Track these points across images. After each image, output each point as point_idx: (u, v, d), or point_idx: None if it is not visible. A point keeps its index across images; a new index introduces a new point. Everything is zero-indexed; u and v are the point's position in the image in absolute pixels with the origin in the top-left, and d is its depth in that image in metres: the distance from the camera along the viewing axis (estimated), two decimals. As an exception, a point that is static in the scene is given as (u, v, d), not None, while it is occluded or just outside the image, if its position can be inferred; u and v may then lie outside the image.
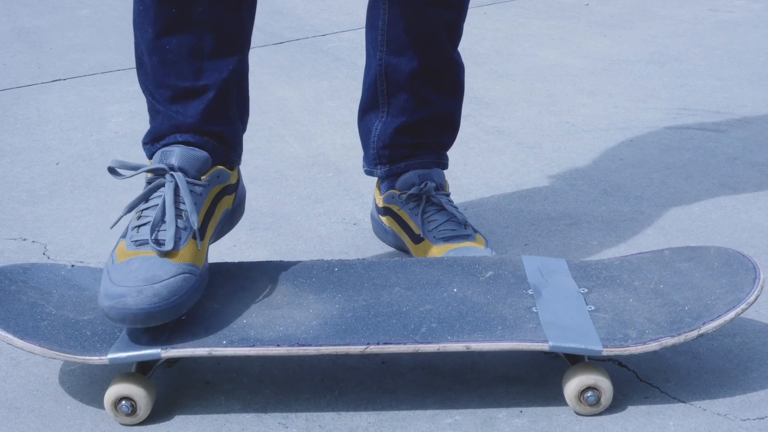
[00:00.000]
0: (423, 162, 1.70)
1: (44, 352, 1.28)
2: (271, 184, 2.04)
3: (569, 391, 1.29)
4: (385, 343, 1.28)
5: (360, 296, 1.39)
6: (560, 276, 1.44)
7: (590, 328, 1.31)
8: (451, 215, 1.65)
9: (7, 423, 1.32)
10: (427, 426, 1.29)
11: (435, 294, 1.39)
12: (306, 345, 1.28)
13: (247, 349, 1.27)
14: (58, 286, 1.42)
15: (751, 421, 1.28)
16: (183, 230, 1.36)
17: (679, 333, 1.29)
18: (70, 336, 1.31)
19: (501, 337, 1.29)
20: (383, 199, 1.73)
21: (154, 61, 1.44)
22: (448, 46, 1.65)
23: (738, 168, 2.06)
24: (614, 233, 1.79)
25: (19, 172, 2.15)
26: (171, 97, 1.44)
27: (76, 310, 1.37)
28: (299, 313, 1.35)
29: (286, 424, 1.30)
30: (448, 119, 1.72)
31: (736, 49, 2.87)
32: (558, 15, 3.33)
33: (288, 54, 2.98)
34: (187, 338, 1.29)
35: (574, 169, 2.08)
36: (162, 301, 1.28)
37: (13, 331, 1.30)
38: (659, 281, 1.41)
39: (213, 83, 1.44)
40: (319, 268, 1.46)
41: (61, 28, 3.32)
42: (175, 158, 1.40)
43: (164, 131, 1.44)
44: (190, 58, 1.43)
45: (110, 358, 1.27)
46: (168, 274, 1.31)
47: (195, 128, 1.43)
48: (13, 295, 1.37)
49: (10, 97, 2.65)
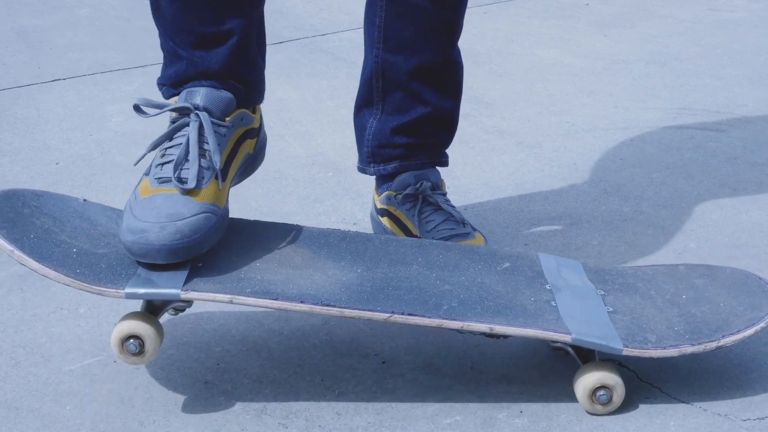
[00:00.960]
0: (418, 162, 1.70)
1: (59, 278, 1.25)
2: (271, 183, 2.04)
3: (581, 389, 1.29)
4: (409, 314, 1.26)
5: (378, 268, 1.37)
6: (577, 276, 1.43)
7: (610, 327, 1.31)
8: (449, 214, 1.65)
9: (7, 423, 1.32)
10: (427, 426, 1.29)
11: (453, 276, 1.37)
12: (330, 305, 1.25)
13: (269, 302, 1.25)
14: (71, 216, 1.38)
15: (751, 422, 1.28)
16: (206, 169, 1.37)
17: (699, 342, 1.29)
18: (85, 265, 1.28)
19: (524, 324, 1.28)
20: (380, 201, 1.73)
21: (175, 7, 1.43)
22: (446, 45, 1.65)
23: (738, 168, 2.06)
24: (614, 233, 1.79)
25: (18, 172, 2.14)
26: (194, 42, 1.43)
27: (91, 243, 1.34)
28: (319, 275, 1.33)
29: (286, 424, 1.30)
30: (446, 118, 1.71)
31: (736, 49, 2.87)
32: (558, 14, 3.33)
33: (288, 54, 2.98)
34: (207, 283, 1.27)
35: (574, 169, 2.08)
36: (184, 238, 1.29)
37: (28, 253, 1.26)
38: (675, 293, 1.41)
39: (236, 28, 1.43)
40: (336, 237, 1.44)
41: (60, 28, 3.32)
42: (201, 98, 1.40)
43: (189, 76, 1.44)
44: (211, 3, 1.42)
45: (127, 292, 1.25)
46: (190, 212, 1.31)
47: (221, 74, 1.43)
48: (27, 218, 1.33)
49: (9, 96, 2.64)
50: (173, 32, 1.44)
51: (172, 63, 1.46)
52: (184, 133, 1.39)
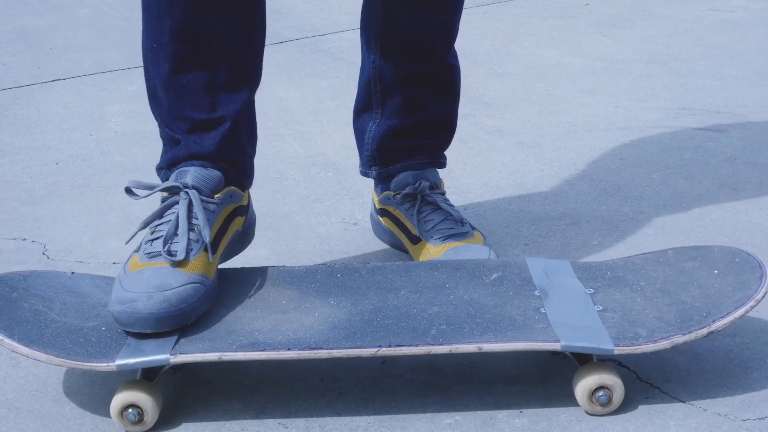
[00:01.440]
0: (417, 163, 1.70)
1: (50, 360, 1.27)
2: (271, 183, 2.04)
3: (580, 391, 1.29)
4: (396, 346, 1.28)
5: (366, 300, 1.38)
6: (565, 277, 1.44)
7: (600, 327, 1.31)
8: (448, 214, 1.65)
9: (7, 423, 1.32)
10: (427, 426, 1.29)
11: (442, 296, 1.39)
12: (317, 348, 1.27)
13: (257, 354, 1.27)
14: (60, 293, 1.41)
15: (751, 422, 1.28)
16: (195, 242, 1.39)
17: (689, 331, 1.29)
18: (75, 342, 1.30)
19: (512, 337, 1.28)
20: (379, 201, 1.73)
21: (170, 95, 1.47)
22: (442, 49, 1.65)
23: (738, 168, 2.06)
24: (614, 233, 1.79)
25: (18, 172, 2.14)
26: (188, 128, 1.47)
27: (80, 317, 1.36)
28: (306, 317, 1.35)
29: (286, 424, 1.30)
30: (444, 121, 1.71)
31: (736, 49, 2.87)
32: (558, 15, 3.33)
33: (288, 54, 2.98)
34: (195, 344, 1.29)
35: (574, 169, 2.08)
36: (171, 308, 1.31)
37: (18, 339, 1.29)
38: (665, 281, 1.41)
39: (228, 114, 1.47)
40: (323, 273, 1.45)
41: (60, 28, 3.32)
42: (190, 177, 1.44)
43: (181, 158, 1.48)
44: (205, 92, 1.46)
45: (118, 364, 1.27)
46: (178, 282, 1.34)
47: (211, 156, 1.47)
48: (14, 302, 1.36)
49: (9, 96, 2.65)
50: (169, 119, 1.49)
51: (170, 148, 1.50)
52: (174, 210, 1.42)
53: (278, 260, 1.73)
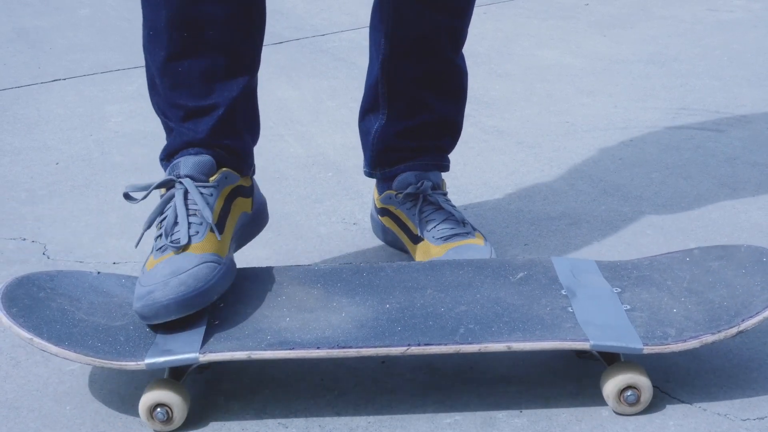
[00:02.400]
0: (421, 164, 1.70)
1: (80, 359, 1.27)
2: (271, 184, 2.04)
3: (609, 390, 1.28)
4: (426, 344, 1.27)
5: (392, 298, 1.38)
6: (592, 276, 1.43)
7: (629, 326, 1.31)
8: (449, 214, 1.65)
9: (7, 423, 1.32)
10: (427, 426, 1.29)
11: (468, 295, 1.38)
12: (346, 347, 1.27)
13: (286, 352, 1.27)
14: (86, 292, 1.41)
15: (751, 421, 1.28)
16: (198, 225, 1.40)
17: (719, 330, 1.28)
18: (104, 342, 1.30)
19: (541, 336, 1.28)
20: (380, 200, 1.74)
21: (166, 83, 1.47)
22: (450, 52, 1.66)
23: (738, 168, 2.06)
24: (614, 233, 1.79)
25: (18, 172, 2.15)
26: (183, 116, 1.47)
27: (107, 317, 1.36)
28: (333, 316, 1.34)
29: (286, 424, 1.30)
30: (449, 124, 1.72)
31: (735, 49, 2.87)
32: (557, 15, 3.33)
33: (288, 54, 2.98)
34: (223, 342, 1.29)
35: (574, 169, 2.08)
36: (189, 289, 1.31)
37: (47, 338, 1.29)
38: (692, 280, 1.41)
39: (222, 101, 1.47)
40: (348, 272, 1.45)
41: (61, 28, 3.32)
42: (182, 168, 1.45)
43: (176, 147, 1.48)
44: (201, 80, 1.46)
45: (147, 363, 1.26)
46: (191, 264, 1.34)
47: (204, 143, 1.47)
48: (42, 302, 1.36)
49: (10, 96, 2.65)
50: (166, 107, 1.49)
51: (167, 137, 1.51)
52: (172, 203, 1.43)
53: (278, 260, 1.73)
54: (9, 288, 1.36)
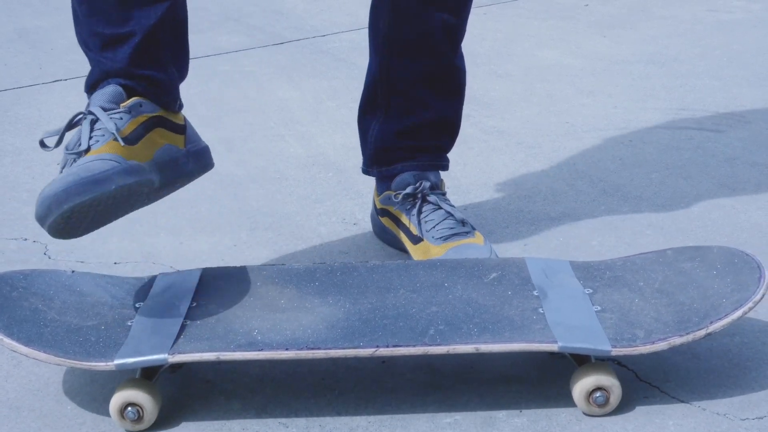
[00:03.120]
0: (419, 164, 1.70)
1: (49, 359, 1.28)
2: (271, 184, 2.04)
3: (577, 392, 1.29)
4: (394, 346, 1.28)
5: (365, 299, 1.39)
6: (564, 277, 1.44)
7: (598, 328, 1.31)
8: (449, 214, 1.65)
9: (8, 423, 1.32)
10: (427, 426, 1.30)
11: (440, 296, 1.39)
12: (315, 348, 1.27)
13: (255, 353, 1.27)
14: (60, 291, 1.42)
15: (750, 421, 1.28)
16: (100, 136, 1.37)
17: (687, 332, 1.29)
18: (74, 342, 1.31)
19: (510, 338, 1.28)
20: (380, 201, 1.74)
21: (84, 10, 1.45)
22: (449, 51, 1.66)
23: (737, 168, 2.06)
24: (614, 233, 1.80)
25: (20, 172, 2.15)
26: (101, 44, 1.45)
27: (80, 316, 1.37)
28: (305, 316, 1.35)
29: (286, 424, 1.31)
30: (448, 123, 1.72)
31: (735, 50, 2.87)
32: (557, 15, 3.34)
33: (288, 54, 2.98)
34: (193, 343, 1.29)
35: (574, 169, 2.09)
36: (78, 178, 1.28)
37: (17, 338, 1.29)
38: (664, 281, 1.41)
39: (139, 29, 1.44)
40: (322, 272, 1.45)
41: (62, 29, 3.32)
42: (92, 104, 1.42)
43: (96, 77, 1.46)
44: (117, 6, 1.44)
45: (117, 363, 1.27)
46: (84, 161, 1.32)
47: (123, 72, 1.44)
48: (14, 301, 1.37)
49: (11, 97, 2.65)
50: (86, 35, 1.47)
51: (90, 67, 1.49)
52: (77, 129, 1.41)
53: (278, 260, 1.73)
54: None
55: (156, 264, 1.72)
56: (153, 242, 1.79)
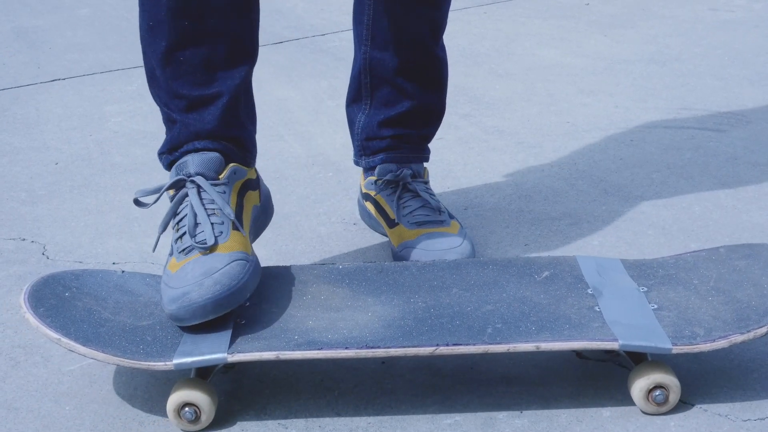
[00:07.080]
0: (402, 156, 1.75)
1: (108, 359, 1.27)
2: (271, 184, 2.04)
3: (636, 390, 1.28)
4: (454, 344, 1.27)
5: (418, 298, 1.38)
6: (618, 275, 1.43)
7: (656, 326, 1.30)
8: (425, 201, 1.70)
9: (6, 423, 1.32)
10: (427, 426, 1.29)
11: (494, 294, 1.38)
12: (374, 347, 1.26)
13: (314, 352, 1.26)
14: (112, 292, 1.41)
15: (752, 422, 1.27)
16: (220, 224, 1.39)
17: (748, 330, 1.28)
18: (131, 342, 1.30)
19: (569, 336, 1.27)
20: (365, 186, 1.79)
21: (167, 73, 1.46)
22: (430, 42, 1.70)
23: (739, 168, 2.05)
24: (614, 233, 1.79)
25: (18, 172, 2.14)
26: (186, 106, 1.47)
27: (134, 316, 1.36)
28: (360, 315, 1.34)
29: (286, 424, 1.30)
30: (431, 111, 1.76)
31: (736, 49, 2.87)
32: (558, 14, 3.33)
33: (288, 54, 2.97)
34: (251, 342, 1.28)
35: (574, 169, 2.08)
36: (224, 288, 1.31)
37: (74, 338, 1.28)
38: (718, 279, 1.40)
39: (226, 89, 1.47)
40: (372, 271, 1.45)
41: (60, 28, 3.32)
42: (191, 166, 1.44)
43: (182, 140, 1.47)
44: (203, 68, 1.46)
45: (175, 363, 1.26)
46: (222, 263, 1.33)
47: (213, 134, 1.46)
48: (68, 301, 1.35)
49: (9, 96, 2.64)
50: (168, 98, 1.48)
51: (169, 130, 1.50)
52: (187, 202, 1.42)
53: (278, 260, 1.73)
54: (35, 287, 1.36)
55: (155, 264, 1.72)
56: (152, 242, 1.79)
